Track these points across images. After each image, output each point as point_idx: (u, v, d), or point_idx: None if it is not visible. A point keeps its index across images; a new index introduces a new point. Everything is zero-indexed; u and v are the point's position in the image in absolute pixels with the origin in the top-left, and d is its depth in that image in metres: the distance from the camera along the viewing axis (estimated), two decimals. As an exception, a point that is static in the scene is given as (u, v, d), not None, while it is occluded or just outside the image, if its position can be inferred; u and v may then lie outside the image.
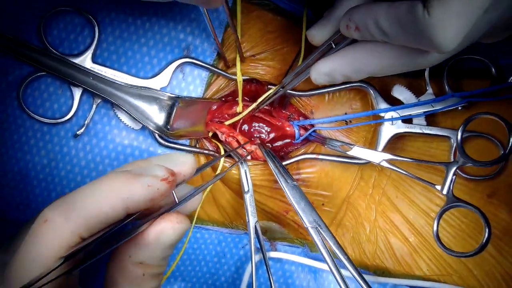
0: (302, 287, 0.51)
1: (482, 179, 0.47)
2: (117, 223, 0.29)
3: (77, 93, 0.45)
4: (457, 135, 0.43)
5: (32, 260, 0.26)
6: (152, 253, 0.30)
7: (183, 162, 0.32)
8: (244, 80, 0.46)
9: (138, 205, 0.29)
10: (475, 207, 0.40)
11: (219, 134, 0.47)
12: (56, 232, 0.27)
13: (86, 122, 0.45)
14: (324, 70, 0.39)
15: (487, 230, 0.39)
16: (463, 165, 0.42)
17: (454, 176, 0.42)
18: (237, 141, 0.47)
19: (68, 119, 0.45)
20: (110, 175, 0.29)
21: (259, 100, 0.47)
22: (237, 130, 0.48)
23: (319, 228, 0.39)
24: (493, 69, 0.46)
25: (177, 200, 0.32)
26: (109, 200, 0.28)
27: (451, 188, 0.42)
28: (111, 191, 0.28)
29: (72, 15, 0.44)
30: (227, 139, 0.48)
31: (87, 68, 0.44)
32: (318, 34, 0.40)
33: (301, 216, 0.40)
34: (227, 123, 0.47)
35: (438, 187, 0.42)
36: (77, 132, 0.45)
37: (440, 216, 0.42)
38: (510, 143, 0.41)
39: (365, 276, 0.47)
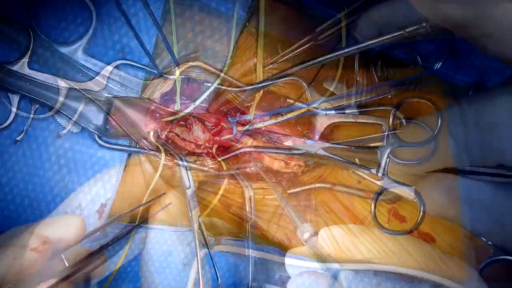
0: (249, 279, 0.51)
1: (416, 163, 0.49)
2: None
3: (15, 99, 0.45)
4: (388, 120, 0.45)
5: None
6: None
7: (67, 227, 0.32)
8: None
9: (8, 277, 0.27)
10: (408, 185, 0.42)
11: (159, 132, 0.48)
12: None
13: (25, 128, 0.46)
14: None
15: (421, 207, 0.41)
16: (395, 147, 0.44)
17: (388, 159, 0.44)
18: (177, 134, 0.48)
19: (7, 126, 0.46)
20: None
21: (198, 101, 0.47)
22: (174, 125, 0.48)
23: None
24: (418, 58, 0.48)
25: (66, 264, 0.30)
26: None
27: (385, 170, 0.44)
28: None
29: (6, 23, 0.45)
30: (168, 135, 0.48)
31: (24, 74, 0.45)
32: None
33: None
34: (164, 119, 0.48)
35: (374, 171, 0.44)
36: (17, 138, 0.46)
37: (377, 197, 0.43)
38: (439, 124, 0.42)
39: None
